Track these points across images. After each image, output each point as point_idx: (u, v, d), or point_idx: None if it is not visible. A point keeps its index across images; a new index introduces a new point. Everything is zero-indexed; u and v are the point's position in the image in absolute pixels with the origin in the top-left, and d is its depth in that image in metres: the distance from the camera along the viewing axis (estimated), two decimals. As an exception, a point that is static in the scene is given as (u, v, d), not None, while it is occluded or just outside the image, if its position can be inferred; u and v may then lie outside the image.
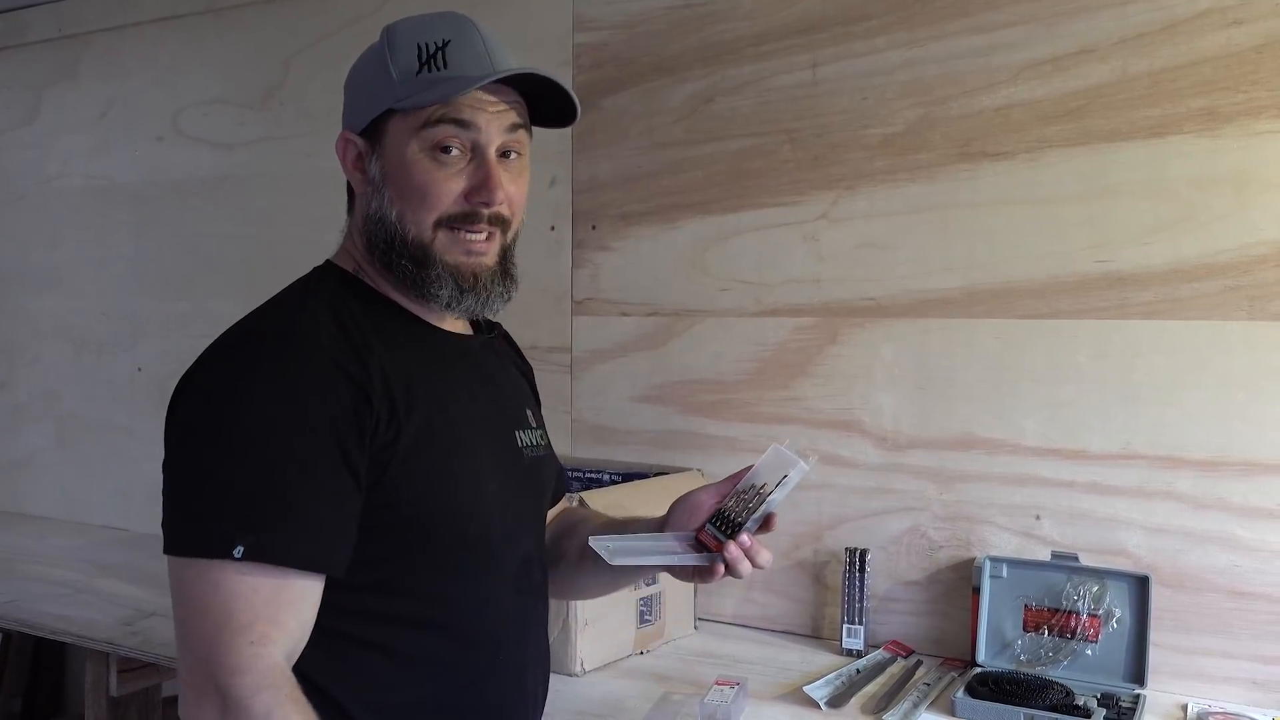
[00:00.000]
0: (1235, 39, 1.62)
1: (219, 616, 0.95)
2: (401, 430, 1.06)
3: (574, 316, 2.20)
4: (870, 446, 1.90)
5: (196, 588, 0.97)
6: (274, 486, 0.98)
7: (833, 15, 1.92)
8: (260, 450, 0.98)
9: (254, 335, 1.07)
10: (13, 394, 3.10)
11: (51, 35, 2.94)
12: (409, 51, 1.10)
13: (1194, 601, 1.66)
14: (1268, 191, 1.61)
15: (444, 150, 1.09)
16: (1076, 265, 1.73)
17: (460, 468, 1.12)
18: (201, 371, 1.06)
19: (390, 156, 1.11)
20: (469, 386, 1.19)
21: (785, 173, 1.97)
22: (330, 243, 1.23)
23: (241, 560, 0.95)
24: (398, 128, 1.10)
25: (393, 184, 1.11)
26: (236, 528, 0.95)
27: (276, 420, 0.99)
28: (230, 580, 0.95)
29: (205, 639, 0.95)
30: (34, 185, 3.03)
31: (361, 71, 1.16)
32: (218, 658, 0.94)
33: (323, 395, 1.01)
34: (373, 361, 1.06)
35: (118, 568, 2.42)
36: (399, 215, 1.10)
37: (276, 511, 0.98)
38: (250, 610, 0.95)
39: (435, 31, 1.11)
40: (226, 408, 1.00)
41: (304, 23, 2.54)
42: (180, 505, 1.01)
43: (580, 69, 2.17)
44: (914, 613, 1.87)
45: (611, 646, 1.78)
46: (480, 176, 1.10)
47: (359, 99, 1.15)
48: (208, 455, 1.00)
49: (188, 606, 0.98)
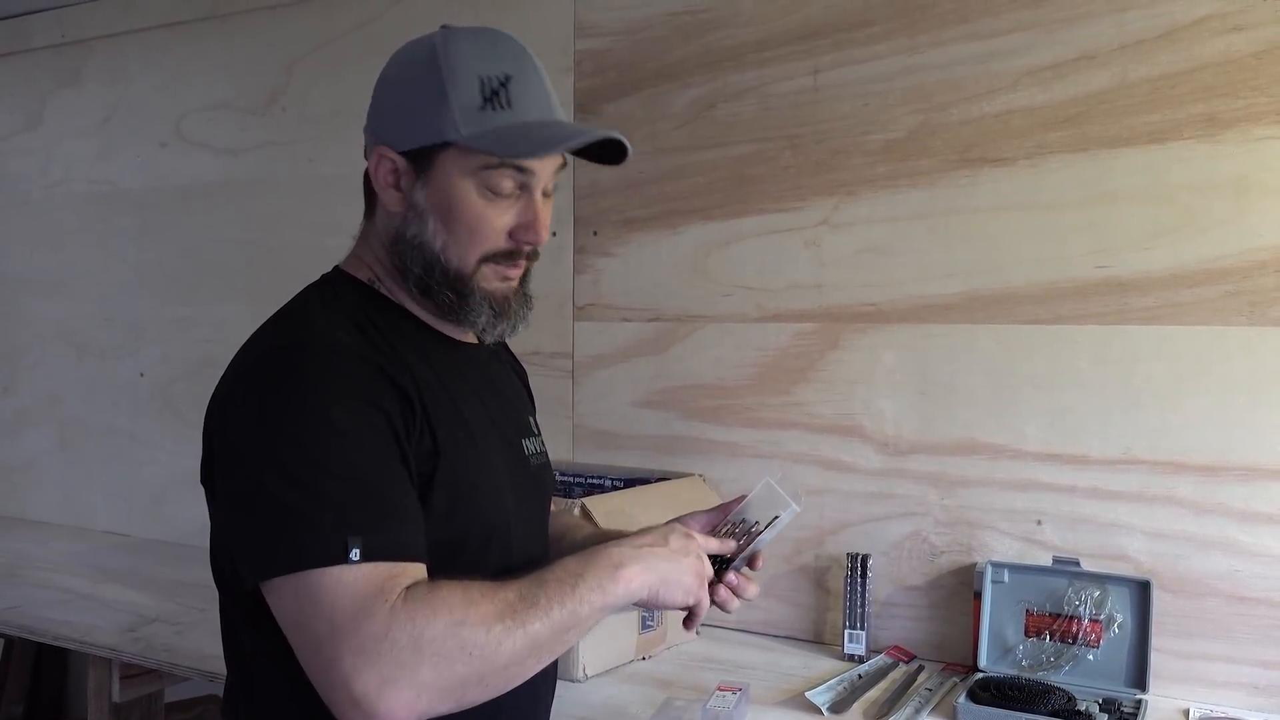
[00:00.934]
0: (1235, 45, 1.62)
1: (349, 607, 0.92)
2: (438, 448, 1.06)
3: (576, 322, 2.21)
4: (872, 451, 1.91)
5: (318, 594, 0.93)
6: (366, 486, 0.97)
7: (834, 22, 1.92)
8: (341, 455, 0.97)
9: (293, 347, 1.05)
10: (15, 398, 3.10)
11: (55, 41, 2.95)
12: (469, 83, 1.05)
13: (1195, 606, 1.66)
14: (1268, 197, 1.61)
15: (496, 192, 1.08)
16: (1077, 271, 1.74)
17: (484, 481, 1.13)
18: (246, 390, 1.03)
19: (439, 188, 1.08)
20: (481, 396, 1.20)
21: (787, 178, 1.98)
22: (333, 247, 1.23)
23: (359, 562, 0.93)
24: (453, 161, 1.07)
25: (439, 215, 1.09)
26: (346, 532, 0.94)
27: (346, 424, 0.98)
28: (349, 575, 0.93)
29: (344, 631, 0.91)
30: (37, 190, 3.04)
31: (409, 90, 1.09)
32: (367, 631, 0.91)
33: (375, 399, 1.02)
34: (406, 372, 1.06)
35: (120, 573, 2.42)
36: (443, 246, 1.09)
37: (376, 509, 0.97)
38: (371, 587, 0.93)
39: (494, 63, 1.07)
40: (293, 422, 0.98)
41: (307, 28, 2.55)
42: (278, 524, 0.96)
43: (582, 75, 2.18)
44: (916, 618, 1.87)
45: (613, 652, 1.78)
46: (528, 217, 1.09)
47: (405, 119, 1.09)
48: (291, 471, 0.97)
49: (316, 616, 0.93)
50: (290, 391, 1.00)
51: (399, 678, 0.90)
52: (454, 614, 0.93)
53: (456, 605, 0.94)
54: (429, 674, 0.91)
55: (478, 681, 0.94)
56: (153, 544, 2.72)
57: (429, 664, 0.91)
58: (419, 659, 0.91)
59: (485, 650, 0.93)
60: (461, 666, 0.92)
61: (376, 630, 0.91)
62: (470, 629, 0.93)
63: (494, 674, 0.95)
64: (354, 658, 0.90)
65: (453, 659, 0.92)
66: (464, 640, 0.92)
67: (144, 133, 2.83)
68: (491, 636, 0.93)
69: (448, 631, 0.92)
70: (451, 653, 0.92)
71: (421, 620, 0.92)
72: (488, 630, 0.93)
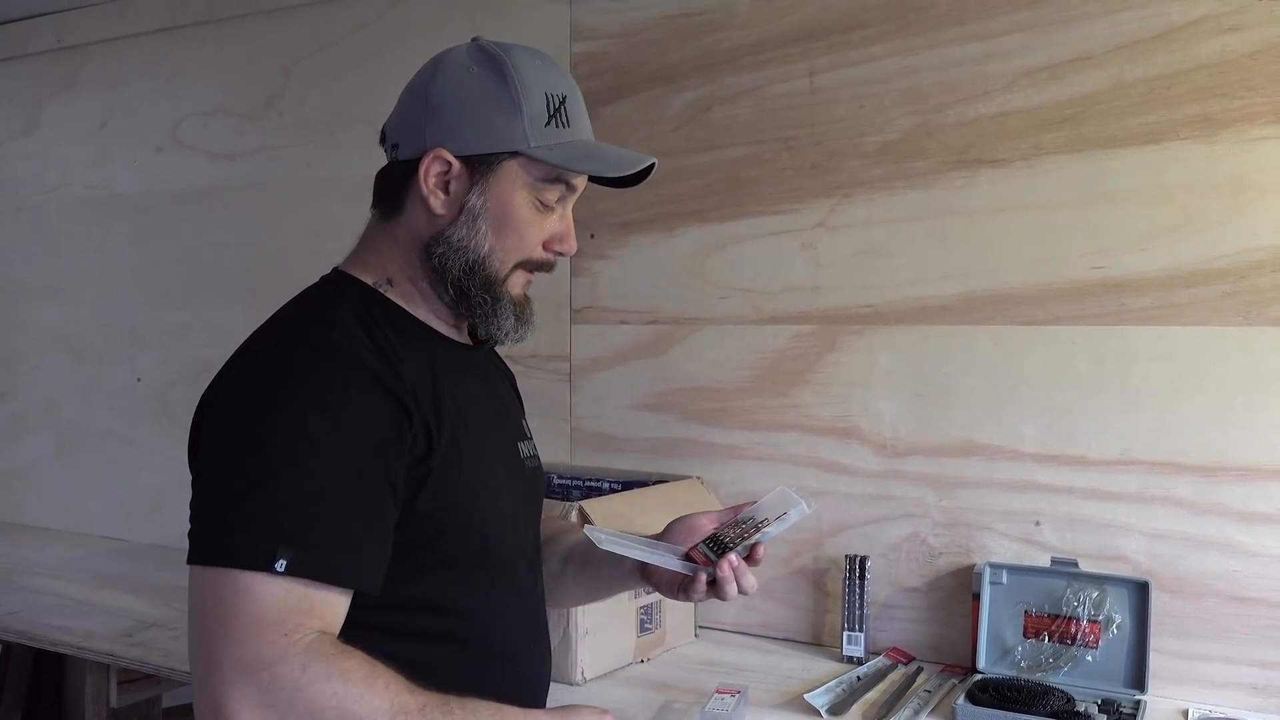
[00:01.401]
0: (1230, 45, 1.62)
1: (250, 618, 0.92)
2: (434, 445, 1.06)
3: (573, 325, 2.21)
4: (870, 453, 1.91)
5: (224, 593, 0.93)
6: (317, 500, 0.97)
7: (829, 24, 1.93)
8: (304, 463, 0.97)
9: (286, 346, 1.05)
10: (12, 404, 3.10)
11: (51, 46, 2.95)
12: (538, 98, 1.12)
13: (1194, 607, 1.66)
14: (1264, 197, 1.61)
15: (544, 204, 1.14)
16: (1074, 271, 1.74)
17: (483, 483, 1.13)
18: (234, 384, 1.04)
19: (498, 195, 1.12)
20: (480, 399, 1.21)
21: (783, 180, 1.98)
22: (331, 251, 1.23)
23: (281, 575, 0.93)
24: (517, 171, 1.12)
25: (492, 220, 1.12)
26: (278, 541, 0.93)
27: (319, 432, 0.98)
28: (264, 585, 0.93)
29: (233, 639, 0.92)
30: (34, 196, 3.04)
31: (475, 97, 1.11)
32: (255, 652, 0.91)
33: (365, 408, 1.01)
34: (406, 375, 1.06)
35: (117, 578, 2.41)
36: (489, 250, 1.13)
37: (321, 526, 0.96)
38: (281, 609, 0.93)
39: (554, 82, 1.15)
40: (265, 419, 0.99)
41: (304, 32, 2.55)
42: (217, 515, 0.97)
43: (579, 78, 2.14)
44: (914, 619, 1.87)
45: (612, 655, 1.78)
46: (563, 229, 1.17)
47: (469, 126, 1.11)
48: (249, 467, 0.97)
49: (213, 612, 0.94)
50: (272, 391, 1.00)
51: (269, 710, 0.90)
52: (347, 688, 0.91)
53: (355, 681, 0.92)
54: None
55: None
56: (150, 549, 2.71)
57: (298, 716, 0.90)
58: (292, 707, 0.90)
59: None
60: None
61: (266, 657, 0.90)
62: (352, 710, 0.91)
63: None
64: (235, 669, 0.90)
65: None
66: (341, 716, 0.91)
67: (140, 137, 2.82)
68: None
69: (331, 701, 0.91)
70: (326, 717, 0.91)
71: (313, 674, 0.90)
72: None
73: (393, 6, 2.42)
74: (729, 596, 1.16)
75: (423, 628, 1.08)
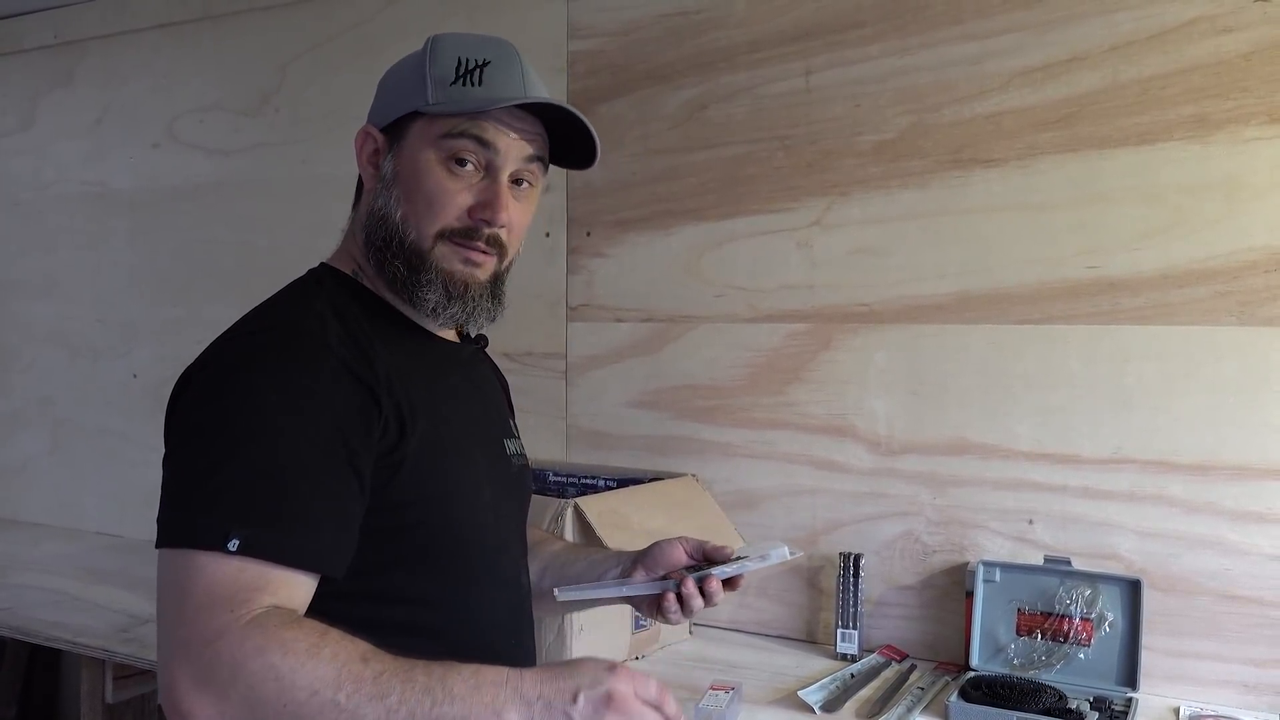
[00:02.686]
0: (1224, 46, 1.63)
1: (200, 597, 0.90)
2: (406, 434, 1.06)
3: (569, 322, 2.21)
4: (864, 451, 1.91)
5: (181, 575, 0.92)
6: (274, 482, 0.96)
7: (826, 23, 1.93)
8: (262, 445, 0.97)
9: (259, 332, 1.06)
10: (7, 400, 3.10)
11: (48, 42, 2.95)
12: (448, 62, 1.11)
13: (1186, 605, 1.67)
14: (1257, 198, 1.62)
15: (459, 162, 1.10)
16: (1068, 271, 1.74)
17: (461, 475, 1.13)
18: (204, 367, 1.04)
19: (406, 157, 1.12)
20: (461, 393, 1.20)
21: (779, 179, 1.98)
22: (326, 248, 1.23)
23: (234, 554, 0.91)
24: (420, 131, 1.11)
25: (402, 184, 1.12)
26: (233, 521, 0.92)
27: (281, 416, 0.98)
28: (217, 565, 0.91)
29: (183, 619, 0.90)
30: (30, 191, 3.03)
31: (397, 72, 1.17)
32: (198, 630, 0.88)
33: (330, 394, 1.01)
34: (379, 363, 1.06)
35: (112, 574, 2.42)
36: (403, 217, 1.11)
37: (275, 507, 0.95)
38: (232, 587, 0.91)
39: (479, 51, 1.12)
40: (229, 402, 0.99)
41: (300, 29, 2.55)
42: (176, 498, 0.98)
43: (575, 76, 2.18)
44: (908, 617, 1.88)
45: (607, 652, 1.78)
46: (488, 195, 1.11)
47: (388, 96, 1.16)
48: (210, 449, 0.97)
49: (169, 593, 0.93)
50: (239, 376, 1.01)
51: (207, 687, 0.87)
52: (286, 659, 0.87)
53: (295, 652, 0.87)
54: (237, 699, 0.87)
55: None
56: (145, 545, 2.67)
57: (239, 691, 0.87)
58: (231, 681, 0.87)
59: (300, 709, 0.86)
60: (270, 710, 0.87)
61: (208, 633, 0.88)
62: (293, 683, 0.86)
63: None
64: (181, 649, 0.89)
65: (264, 700, 0.87)
66: (281, 690, 0.87)
67: (136, 134, 2.82)
68: (314, 702, 0.86)
69: (269, 674, 0.87)
70: (264, 695, 0.87)
71: (250, 648, 0.87)
72: (312, 694, 0.86)
73: (389, 4, 2.42)
74: (695, 610, 1.17)
75: (397, 620, 1.07)
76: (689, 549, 1.23)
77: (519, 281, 1.23)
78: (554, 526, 1.68)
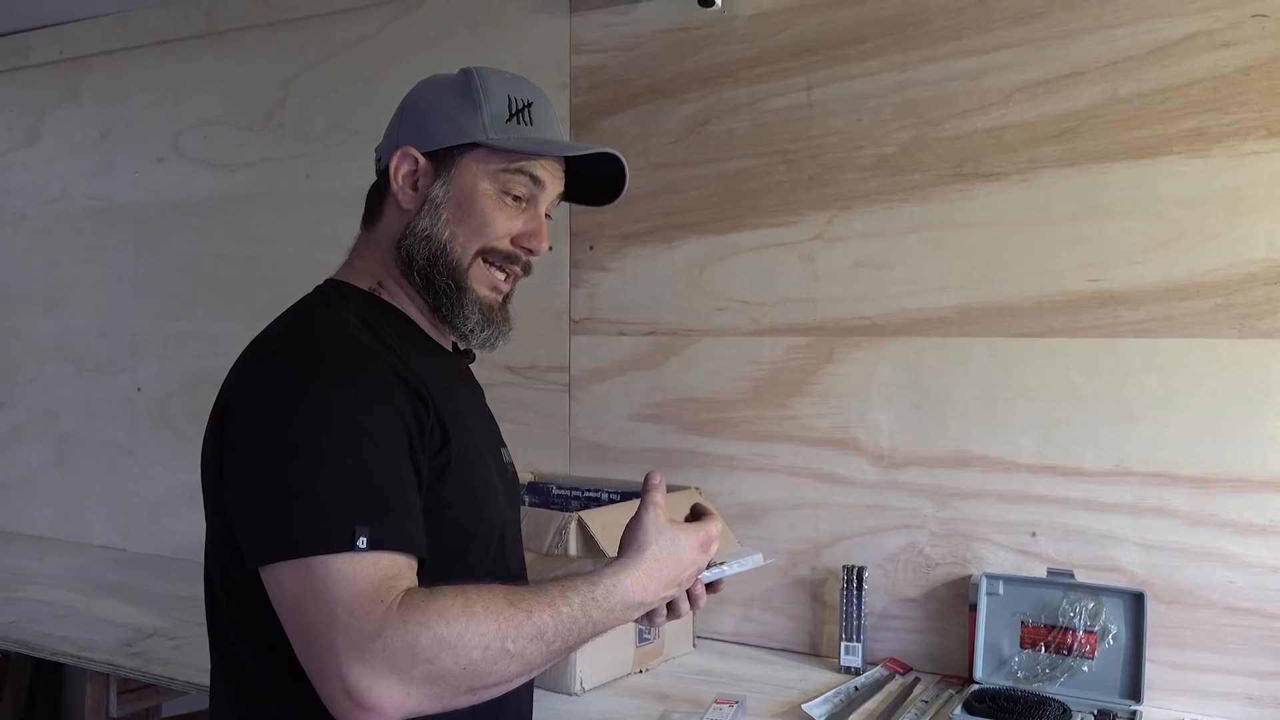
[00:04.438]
0: (1223, 61, 1.64)
1: (349, 599, 0.93)
2: (448, 438, 1.10)
3: (572, 336, 2.22)
4: (867, 464, 1.92)
5: (319, 583, 0.94)
6: (374, 480, 0.99)
7: (827, 38, 1.94)
8: (352, 447, 0.99)
9: (309, 343, 1.07)
10: (12, 413, 3.10)
11: (53, 58, 2.97)
12: (500, 99, 1.18)
13: (1189, 617, 1.67)
14: (1257, 211, 1.63)
15: (511, 196, 1.18)
16: (1069, 284, 1.75)
17: (486, 479, 1.18)
18: (262, 383, 1.05)
19: (460, 185, 1.17)
20: (470, 402, 1.26)
21: (781, 193, 1.99)
22: (330, 262, 1.24)
23: (365, 550, 0.94)
24: (477, 162, 1.17)
25: (454, 208, 1.17)
26: (353, 520, 0.95)
27: (357, 418, 1.01)
28: (354, 565, 0.94)
29: (341, 622, 0.92)
30: (35, 206, 3.05)
31: (440, 99, 1.20)
32: (360, 628, 0.91)
33: (388, 396, 1.05)
34: (414, 371, 1.10)
35: (117, 588, 2.42)
36: (450, 236, 1.17)
37: (384, 501, 0.99)
38: (375, 580, 0.94)
39: (521, 90, 1.20)
40: (305, 412, 1.00)
41: (304, 45, 2.57)
42: (277, 512, 0.97)
43: (578, 91, 2.19)
44: (911, 630, 1.88)
45: (611, 665, 1.79)
46: (533, 226, 1.20)
47: (433, 123, 1.19)
48: (299, 460, 0.98)
49: (314, 604, 0.94)
50: (306, 384, 1.02)
51: (390, 676, 0.91)
52: (450, 627, 0.93)
53: (454, 618, 0.94)
54: (419, 678, 0.92)
55: (468, 691, 0.96)
56: (150, 558, 2.72)
57: (420, 669, 0.92)
58: (411, 663, 0.92)
59: (479, 668, 0.94)
60: (452, 677, 0.93)
61: (370, 628, 0.92)
62: (465, 645, 0.93)
63: (485, 689, 0.97)
64: (349, 650, 0.91)
65: (445, 671, 0.93)
66: (457, 656, 0.93)
67: (141, 148, 2.84)
68: (488, 656, 0.94)
69: (444, 645, 0.93)
70: (444, 666, 0.93)
71: (415, 626, 0.92)
72: (484, 649, 0.94)
73: (393, 20, 2.43)
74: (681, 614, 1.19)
75: None
76: None
77: (522, 295, 1.27)
78: (558, 540, 1.68)
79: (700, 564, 1.11)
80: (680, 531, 1.11)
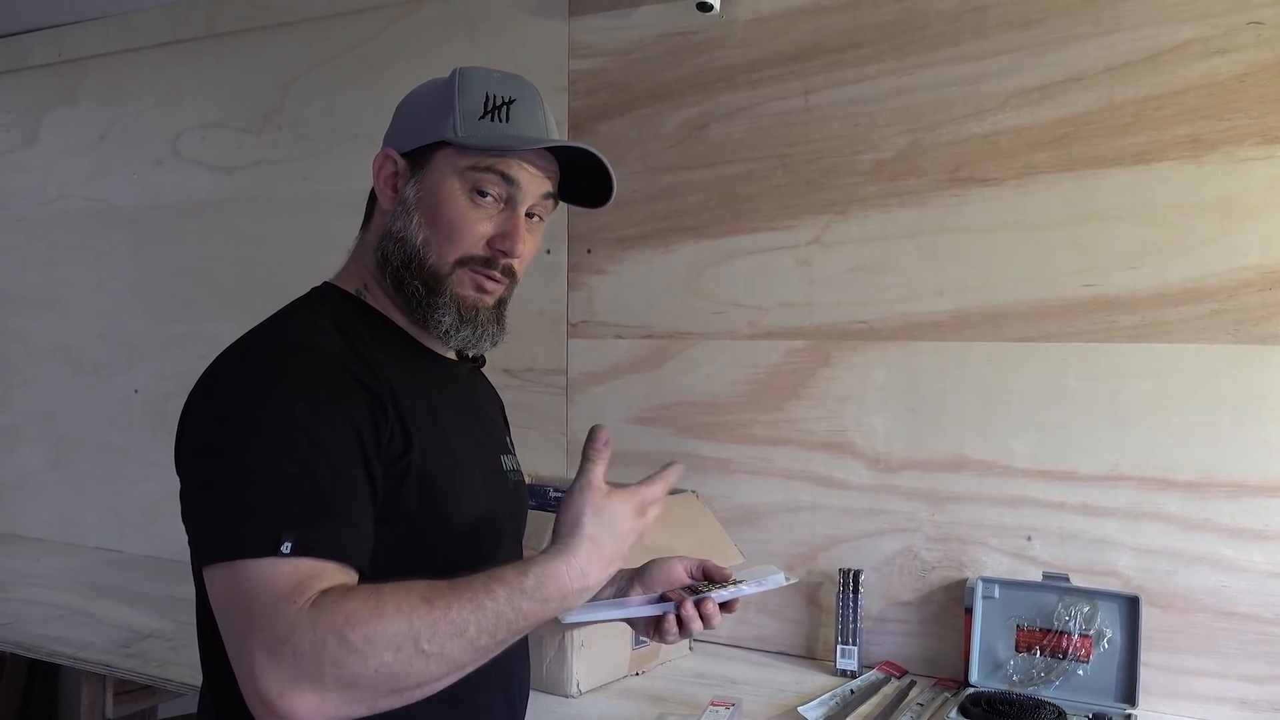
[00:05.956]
0: (1218, 68, 1.65)
1: (265, 602, 0.91)
2: (411, 445, 1.08)
3: (569, 339, 2.22)
4: (863, 468, 1.92)
5: (242, 585, 0.93)
6: (311, 485, 0.97)
7: (825, 43, 1.95)
8: (293, 451, 0.98)
9: (267, 346, 1.07)
10: (8, 415, 3.10)
11: (52, 60, 2.97)
12: (476, 96, 1.15)
13: (1184, 622, 1.67)
14: (1252, 217, 1.64)
15: (481, 194, 1.14)
16: (1064, 289, 1.76)
17: (461, 488, 1.15)
18: (214, 384, 1.06)
19: (429, 184, 1.15)
20: (461, 409, 1.23)
21: (778, 197, 2.00)
22: (328, 265, 1.25)
23: (289, 555, 0.92)
24: (446, 160, 1.14)
25: (424, 210, 1.15)
26: (281, 525, 0.94)
27: (303, 422, 0.99)
28: (274, 569, 0.92)
29: (256, 625, 0.90)
30: (33, 208, 3.05)
31: (421, 99, 1.19)
32: (272, 632, 0.89)
33: (341, 401, 1.03)
34: (381, 376, 1.08)
35: (112, 589, 2.42)
36: (424, 241, 1.15)
37: (317, 508, 0.97)
38: (292, 583, 0.92)
39: (504, 88, 1.17)
40: (252, 414, 1.00)
41: (303, 48, 2.57)
42: (216, 513, 0.97)
43: (576, 95, 2.20)
44: (907, 633, 1.89)
45: (607, 668, 1.79)
46: (507, 227, 1.15)
47: (411, 123, 1.18)
48: (241, 461, 0.98)
49: (235, 606, 0.93)
50: (255, 387, 1.02)
51: (301, 681, 0.89)
52: (357, 630, 0.89)
53: (361, 621, 0.89)
54: (331, 683, 0.89)
55: (390, 693, 0.91)
56: (145, 560, 2.72)
57: (330, 674, 0.89)
58: (319, 667, 0.89)
59: (393, 669, 0.90)
60: (365, 681, 0.90)
61: (280, 631, 0.89)
62: (373, 649, 0.89)
63: (408, 690, 0.92)
64: (261, 654, 0.89)
65: (355, 675, 0.89)
66: (365, 660, 0.89)
67: (140, 151, 2.84)
68: (400, 658, 0.90)
69: (347, 649, 0.88)
70: (354, 670, 0.89)
71: (323, 630, 0.89)
72: (396, 651, 0.90)
73: (392, 24, 2.44)
74: (694, 632, 1.17)
75: None
76: (689, 567, 1.24)
77: (520, 298, 1.25)
78: (554, 542, 1.68)
79: (638, 530, 1.02)
80: (616, 501, 1.01)
